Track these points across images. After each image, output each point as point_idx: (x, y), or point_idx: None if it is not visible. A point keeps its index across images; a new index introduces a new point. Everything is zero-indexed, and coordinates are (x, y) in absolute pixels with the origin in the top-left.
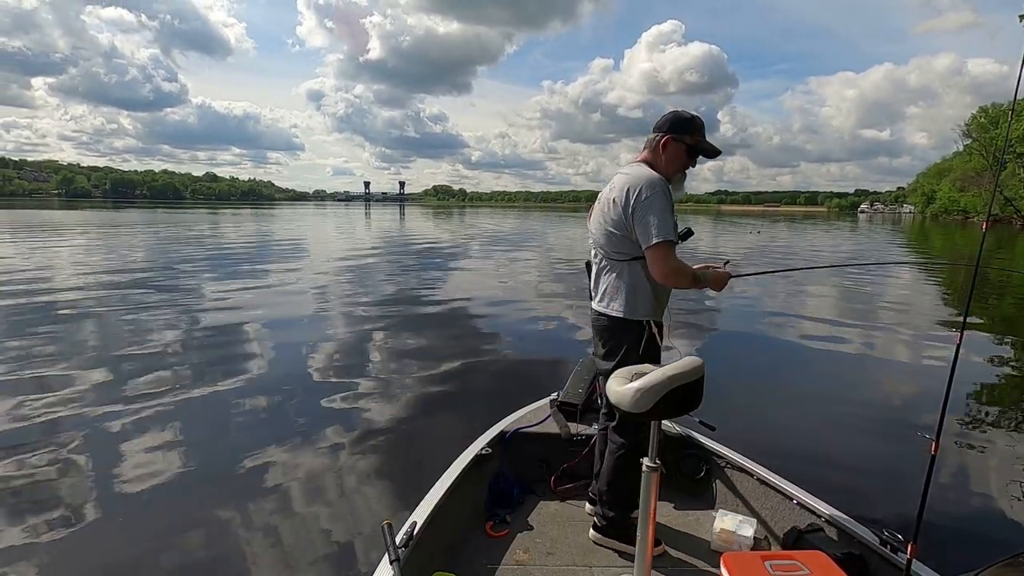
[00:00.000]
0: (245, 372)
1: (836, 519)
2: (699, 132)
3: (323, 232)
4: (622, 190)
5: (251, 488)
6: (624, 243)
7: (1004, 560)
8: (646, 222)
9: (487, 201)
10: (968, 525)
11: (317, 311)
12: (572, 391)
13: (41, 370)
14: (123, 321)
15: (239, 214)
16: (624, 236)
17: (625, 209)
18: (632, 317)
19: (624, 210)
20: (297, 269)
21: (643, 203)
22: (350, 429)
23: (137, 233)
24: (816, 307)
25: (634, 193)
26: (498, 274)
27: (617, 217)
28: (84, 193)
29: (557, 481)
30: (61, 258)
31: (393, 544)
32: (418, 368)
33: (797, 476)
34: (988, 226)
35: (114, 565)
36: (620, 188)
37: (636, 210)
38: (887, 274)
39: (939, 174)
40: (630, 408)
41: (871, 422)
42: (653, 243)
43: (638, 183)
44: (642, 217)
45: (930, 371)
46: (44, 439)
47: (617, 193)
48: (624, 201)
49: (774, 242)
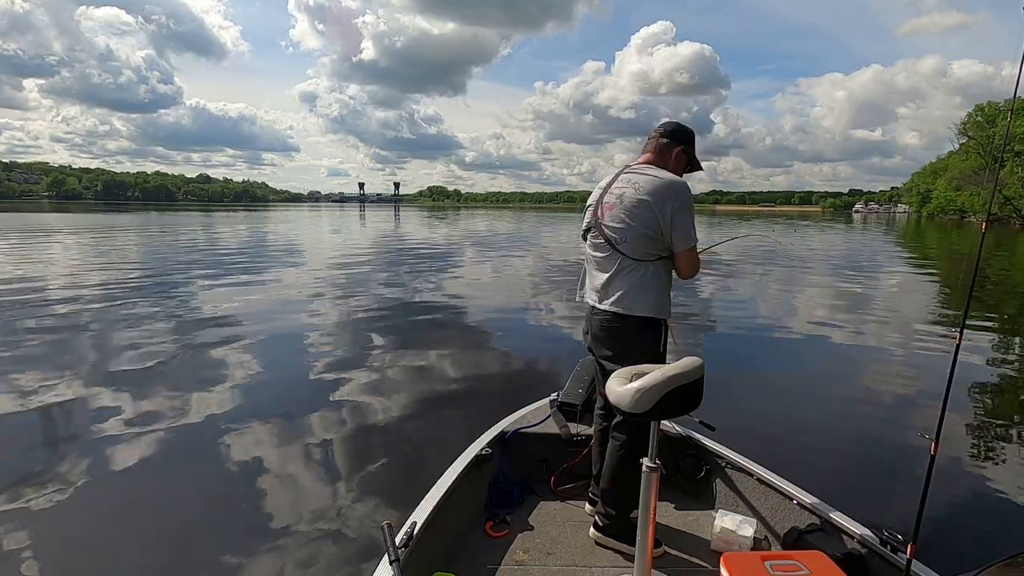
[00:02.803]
0: (244, 374)
1: (836, 519)
2: (694, 145)
3: (318, 234)
4: (654, 193)
5: (251, 488)
6: (655, 244)
7: (1004, 560)
8: (685, 226)
9: (482, 202)
10: (968, 525)
11: (315, 313)
12: (572, 391)
13: (35, 370)
14: (108, 337)
15: (232, 216)
16: (655, 237)
17: (662, 212)
18: (658, 316)
19: (660, 213)
20: (294, 271)
21: (681, 210)
22: (350, 430)
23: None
24: (816, 307)
25: (671, 197)
26: (496, 275)
27: (651, 218)
28: (75, 195)
29: (557, 481)
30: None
31: (393, 544)
32: (418, 369)
33: (797, 476)
34: (988, 225)
35: (114, 566)
36: (650, 190)
37: (676, 214)
38: (886, 273)
39: (934, 173)
40: (630, 408)
41: (870, 422)
42: (689, 247)
43: (674, 188)
44: (681, 221)
45: (930, 371)
46: (37, 440)
47: (648, 195)
48: (660, 204)
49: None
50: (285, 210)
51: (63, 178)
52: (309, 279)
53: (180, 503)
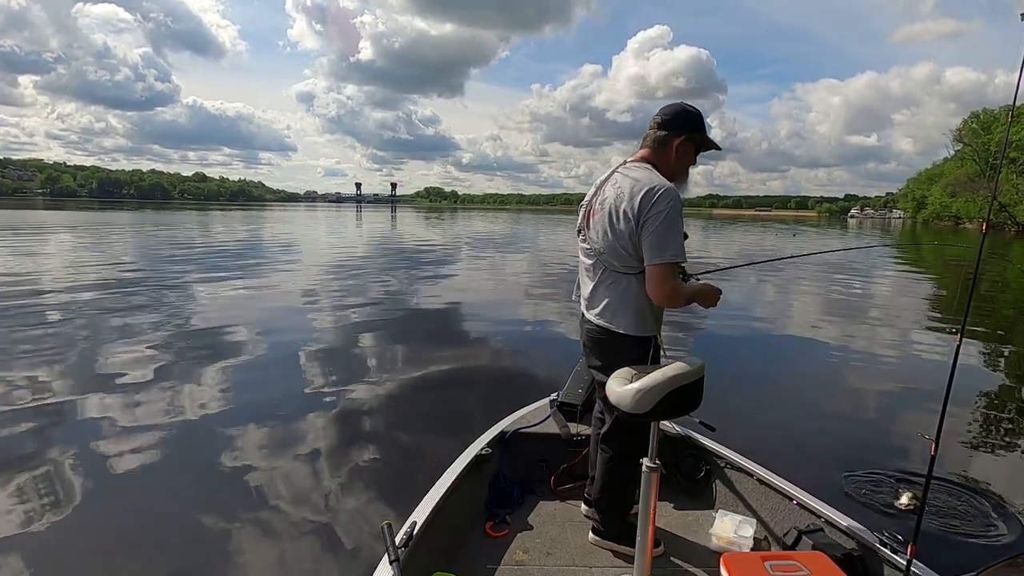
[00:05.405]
0: (243, 375)
1: (836, 519)
2: (704, 127)
3: (316, 234)
4: (632, 198)
5: (251, 489)
6: (634, 256)
7: (1004, 561)
8: (656, 237)
9: (479, 203)
10: (968, 525)
11: (313, 314)
12: (572, 391)
13: (28, 369)
14: (97, 336)
15: (229, 215)
16: (634, 249)
17: (636, 220)
18: (640, 333)
19: (636, 220)
20: (294, 271)
21: (657, 216)
22: (350, 430)
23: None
24: (816, 308)
25: (648, 204)
26: (495, 275)
27: (628, 229)
28: (70, 192)
29: (557, 481)
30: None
31: (393, 544)
32: (418, 370)
33: (797, 476)
34: (988, 226)
35: (113, 567)
36: (630, 196)
37: (648, 222)
38: (885, 275)
39: (929, 179)
40: (630, 408)
41: (871, 422)
42: (658, 262)
43: (652, 193)
44: (653, 231)
45: (928, 371)
46: (30, 441)
47: (627, 203)
48: (636, 212)
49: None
50: (282, 210)
51: (57, 175)
52: (307, 279)
53: (179, 503)
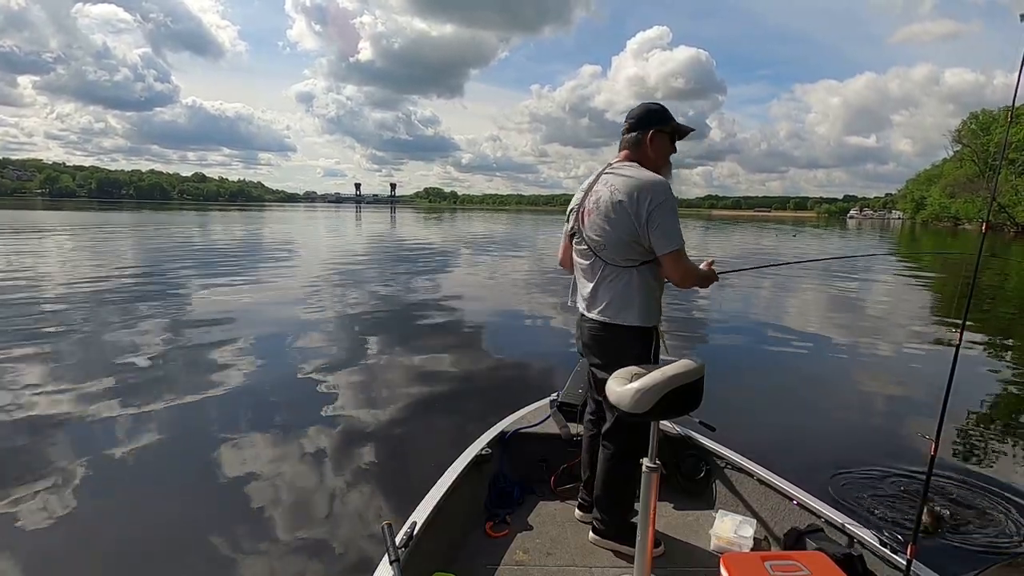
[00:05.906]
0: (243, 375)
1: (836, 519)
2: (671, 117)
3: (315, 234)
4: (630, 194)
5: (250, 490)
6: (634, 249)
7: (1004, 561)
8: (664, 229)
9: (479, 204)
10: (968, 525)
11: (313, 315)
12: (572, 391)
13: (25, 369)
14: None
15: (227, 216)
16: (634, 242)
17: (638, 215)
18: (644, 324)
19: (637, 216)
20: (293, 271)
21: (659, 209)
22: (350, 430)
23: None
24: (816, 308)
25: (647, 198)
26: (495, 276)
27: (628, 223)
28: (69, 192)
29: (557, 481)
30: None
31: (393, 544)
32: (417, 370)
33: (797, 476)
34: (988, 227)
35: (113, 567)
36: (626, 192)
37: (652, 216)
38: (885, 275)
39: (928, 180)
40: (630, 408)
41: (870, 422)
42: (671, 250)
43: (649, 188)
44: (659, 224)
45: (929, 371)
46: (27, 443)
47: (624, 197)
48: (636, 207)
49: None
50: (281, 210)
51: (57, 175)
52: (307, 279)
53: (179, 504)
